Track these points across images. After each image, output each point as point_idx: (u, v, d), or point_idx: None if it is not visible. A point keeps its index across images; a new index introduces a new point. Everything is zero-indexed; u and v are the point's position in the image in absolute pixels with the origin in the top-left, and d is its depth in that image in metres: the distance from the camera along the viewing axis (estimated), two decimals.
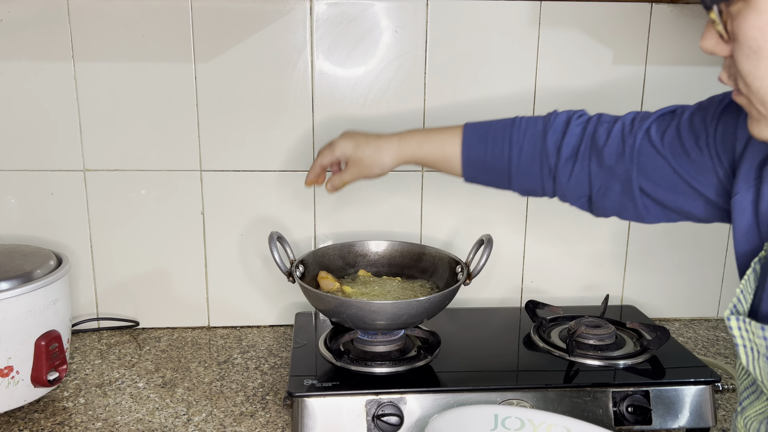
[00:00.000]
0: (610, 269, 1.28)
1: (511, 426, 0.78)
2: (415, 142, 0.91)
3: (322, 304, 0.97)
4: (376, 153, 0.92)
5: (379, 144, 0.92)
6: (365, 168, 0.93)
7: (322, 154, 0.97)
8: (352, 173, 0.95)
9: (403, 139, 0.92)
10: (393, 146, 0.92)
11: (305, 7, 1.12)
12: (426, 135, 0.91)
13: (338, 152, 0.95)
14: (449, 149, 0.88)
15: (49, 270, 0.96)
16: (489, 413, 0.79)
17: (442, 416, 0.77)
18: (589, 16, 1.16)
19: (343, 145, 0.95)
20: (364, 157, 0.93)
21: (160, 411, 0.96)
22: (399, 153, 0.91)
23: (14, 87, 1.11)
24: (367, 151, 0.93)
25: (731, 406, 1.00)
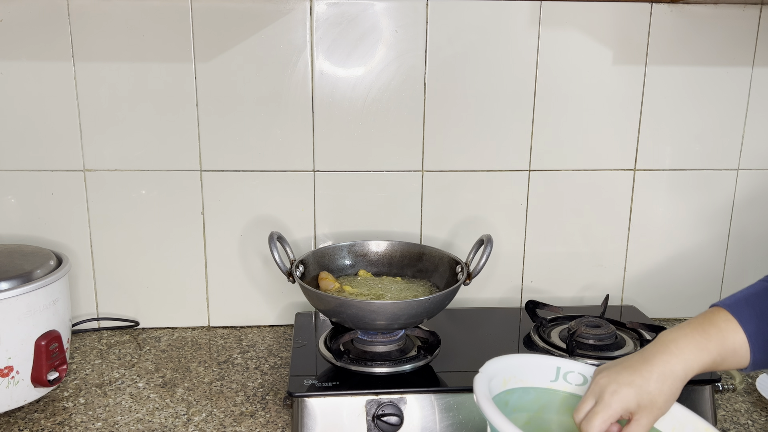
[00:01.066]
0: (610, 269, 1.28)
1: (572, 380, 0.76)
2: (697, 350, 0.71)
3: (322, 304, 0.97)
4: (665, 386, 0.69)
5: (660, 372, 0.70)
6: (660, 411, 0.70)
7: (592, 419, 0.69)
8: (646, 423, 0.69)
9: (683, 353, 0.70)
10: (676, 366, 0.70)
11: (305, 7, 1.12)
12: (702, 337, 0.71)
13: (619, 408, 0.69)
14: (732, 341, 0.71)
15: (49, 270, 0.96)
16: (551, 364, 0.77)
17: (502, 359, 0.73)
18: (589, 16, 1.16)
19: (620, 397, 0.69)
20: (654, 399, 0.69)
21: (160, 411, 0.96)
22: (686, 373, 0.70)
23: (14, 87, 1.11)
24: (653, 387, 0.69)
25: (731, 406, 1.00)
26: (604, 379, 0.71)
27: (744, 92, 1.22)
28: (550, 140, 1.20)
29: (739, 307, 0.72)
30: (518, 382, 0.75)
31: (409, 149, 1.19)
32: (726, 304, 0.73)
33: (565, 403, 0.76)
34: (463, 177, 1.21)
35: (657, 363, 0.70)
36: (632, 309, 1.22)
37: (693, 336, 0.71)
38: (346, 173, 1.19)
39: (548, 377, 0.77)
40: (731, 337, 0.70)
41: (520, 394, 0.76)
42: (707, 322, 0.72)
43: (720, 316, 0.72)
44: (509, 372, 0.74)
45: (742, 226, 1.28)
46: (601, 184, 1.24)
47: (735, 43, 1.19)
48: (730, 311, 0.71)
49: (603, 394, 0.70)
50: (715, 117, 1.22)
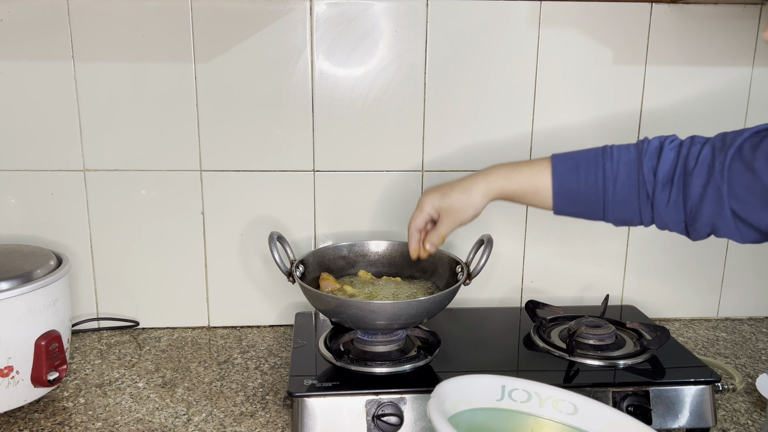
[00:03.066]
0: (610, 269, 1.28)
1: (517, 398, 0.77)
2: (503, 177, 0.88)
3: (322, 304, 0.97)
4: (465, 194, 0.90)
5: (464, 186, 0.90)
6: (458, 213, 0.91)
7: (413, 218, 0.95)
8: (447, 224, 0.92)
9: (489, 175, 0.89)
10: (480, 184, 0.89)
11: (305, 7, 1.12)
12: (513, 168, 0.89)
13: (427, 208, 0.93)
14: (539, 181, 0.86)
15: (49, 270, 0.96)
16: (496, 384, 0.77)
17: (449, 383, 0.74)
18: (589, 16, 1.16)
19: (429, 199, 0.93)
20: (453, 203, 0.90)
21: (160, 411, 0.96)
22: (487, 189, 0.89)
23: (14, 87, 1.11)
24: (455, 196, 0.90)
25: (731, 406, 1.00)
26: (426, 191, 0.95)
27: (744, 92, 1.22)
28: (550, 140, 1.20)
29: (561, 158, 0.86)
30: (467, 404, 0.76)
31: (409, 149, 1.19)
32: (556, 154, 0.86)
33: (511, 420, 0.77)
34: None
35: (467, 180, 0.90)
36: (632, 309, 1.22)
37: (507, 167, 0.89)
38: (346, 173, 1.19)
39: (494, 396, 0.77)
40: (538, 179, 0.86)
41: (469, 415, 0.76)
42: (530, 162, 0.88)
43: (543, 161, 0.86)
44: (458, 394, 0.75)
45: None
46: None
47: (735, 43, 1.19)
48: (552, 159, 0.86)
49: (420, 201, 0.94)
50: (715, 117, 1.22)
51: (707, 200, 0.77)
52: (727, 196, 0.75)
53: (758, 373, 1.10)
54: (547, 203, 0.86)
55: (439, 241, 0.95)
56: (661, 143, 0.82)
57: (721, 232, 0.78)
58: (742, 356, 1.16)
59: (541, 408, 0.77)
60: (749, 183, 0.73)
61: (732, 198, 0.75)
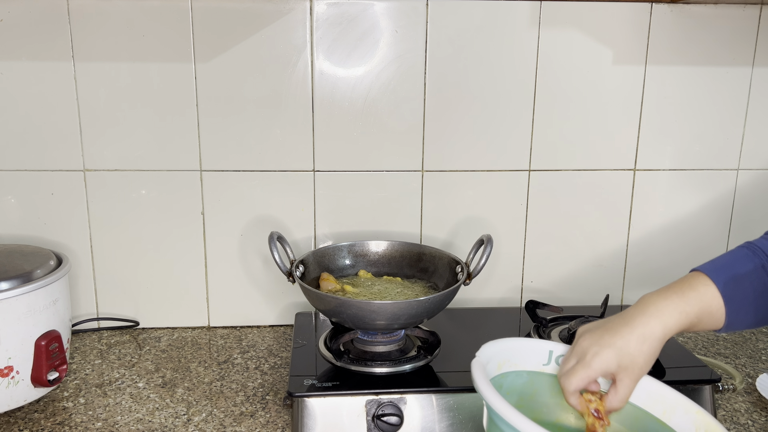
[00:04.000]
0: (610, 269, 1.28)
1: None
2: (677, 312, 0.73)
3: (322, 304, 0.97)
4: (644, 346, 0.71)
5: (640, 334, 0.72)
6: (641, 370, 0.72)
7: (569, 377, 0.72)
8: (628, 383, 0.72)
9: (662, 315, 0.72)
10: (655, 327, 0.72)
11: (305, 7, 1.12)
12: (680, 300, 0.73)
13: (600, 369, 0.71)
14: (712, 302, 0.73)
15: (49, 270, 0.96)
16: (544, 348, 0.77)
17: (496, 343, 0.74)
18: (589, 16, 1.16)
19: (601, 359, 0.71)
20: (635, 359, 0.71)
21: (160, 411, 0.96)
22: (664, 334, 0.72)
23: (14, 87, 1.11)
24: (633, 348, 0.71)
25: (731, 406, 1.00)
26: (586, 341, 0.73)
27: (744, 92, 1.22)
28: (550, 140, 1.20)
29: (717, 271, 0.75)
30: (512, 366, 0.76)
31: (409, 149, 1.19)
32: (705, 268, 0.76)
33: (556, 386, 0.77)
34: (463, 177, 1.21)
35: (637, 325, 0.72)
36: None
37: (672, 298, 0.73)
38: (346, 173, 1.19)
39: (540, 361, 0.78)
40: (708, 300, 0.73)
41: (513, 377, 0.76)
42: (686, 286, 0.74)
43: (699, 280, 0.74)
44: (503, 356, 0.75)
45: (742, 225, 1.28)
46: (601, 184, 1.24)
47: (735, 43, 1.19)
48: (709, 275, 0.74)
49: (585, 355, 0.72)
50: (715, 117, 1.22)
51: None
52: None
53: (758, 373, 1.10)
54: (718, 324, 0.75)
55: (622, 406, 0.73)
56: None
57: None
58: (742, 356, 1.16)
59: None
60: None
61: None
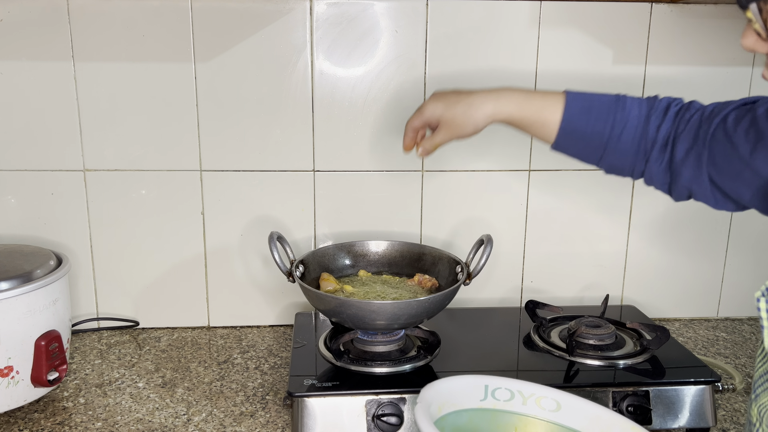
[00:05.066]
0: (610, 269, 1.28)
1: (500, 397, 0.77)
2: (514, 103, 0.86)
3: (322, 304, 0.97)
4: (470, 110, 0.86)
5: (471, 101, 0.87)
6: (458, 128, 0.88)
7: (411, 118, 0.92)
8: (444, 134, 0.89)
9: (500, 98, 0.86)
10: (488, 103, 0.86)
11: (305, 7, 1.12)
12: (526, 96, 0.86)
13: (427, 114, 0.90)
14: (549, 116, 0.84)
15: (49, 270, 0.96)
16: (479, 383, 0.78)
17: (433, 386, 0.75)
18: (589, 16, 1.16)
19: (432, 106, 0.90)
20: (456, 116, 0.87)
21: (160, 411, 0.96)
22: (495, 111, 0.86)
23: (14, 87, 1.11)
24: (459, 109, 0.87)
25: (731, 406, 1.00)
26: (435, 94, 0.91)
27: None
28: None
29: (575, 97, 0.85)
30: (451, 407, 0.76)
31: None
32: (571, 91, 0.86)
33: (495, 419, 0.77)
34: (464, 177, 1.21)
35: (475, 95, 0.87)
36: (632, 309, 1.22)
37: (519, 93, 0.86)
38: (346, 173, 1.19)
39: (478, 396, 0.78)
40: (548, 113, 0.84)
41: (454, 417, 0.76)
42: (543, 93, 0.86)
43: (557, 96, 0.85)
44: (443, 397, 0.75)
45: (742, 225, 1.28)
46: (601, 184, 1.24)
47: (735, 43, 1.19)
48: (566, 96, 0.85)
49: (423, 104, 0.91)
50: None
51: (687, 164, 0.79)
52: (707, 163, 0.77)
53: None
54: (549, 137, 0.86)
55: (432, 148, 0.92)
56: (668, 104, 0.83)
57: (698, 196, 0.80)
58: (742, 356, 1.16)
59: (524, 406, 0.77)
60: (728, 153, 0.75)
61: (711, 165, 0.77)
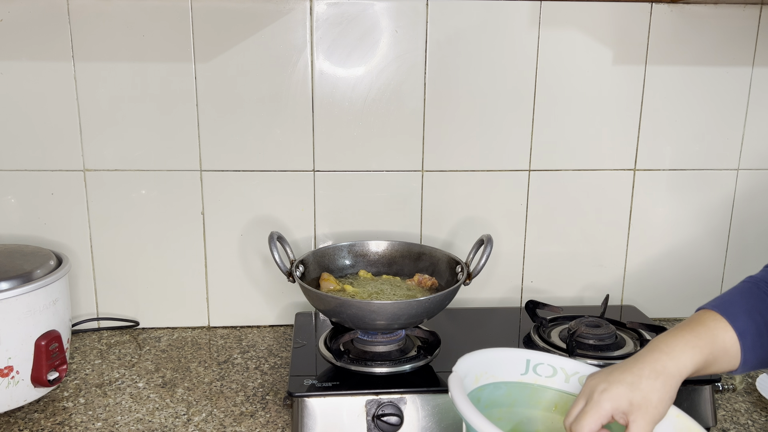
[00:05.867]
0: (610, 269, 1.28)
1: (542, 372, 0.76)
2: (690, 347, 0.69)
3: (322, 304, 0.97)
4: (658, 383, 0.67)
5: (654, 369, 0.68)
6: (656, 410, 0.66)
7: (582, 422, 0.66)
8: (645, 424, 0.65)
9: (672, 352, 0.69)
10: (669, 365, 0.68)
11: (305, 7, 1.12)
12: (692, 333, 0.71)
13: (609, 405, 0.66)
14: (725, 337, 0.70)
15: (49, 270, 0.96)
16: (521, 357, 0.76)
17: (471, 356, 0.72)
18: (589, 16, 1.16)
19: (611, 394, 0.66)
20: (649, 396, 0.66)
21: (160, 411, 0.96)
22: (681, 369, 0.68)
23: (14, 87, 1.11)
24: (646, 385, 0.67)
25: (731, 406, 1.00)
26: (594, 380, 0.69)
27: (744, 92, 1.22)
28: (551, 140, 1.20)
29: (726, 306, 0.72)
30: (490, 378, 0.74)
31: (409, 149, 1.19)
32: (713, 305, 0.73)
33: (535, 395, 0.76)
34: (463, 177, 1.21)
35: (648, 361, 0.68)
36: (632, 309, 1.22)
37: (683, 335, 0.70)
38: (346, 173, 1.19)
39: (518, 370, 0.76)
40: (721, 335, 0.70)
41: (491, 389, 0.75)
42: (696, 323, 0.71)
43: (708, 317, 0.71)
44: (480, 368, 0.73)
45: (742, 225, 1.28)
46: (601, 184, 1.24)
47: (735, 43, 1.19)
48: (719, 311, 0.71)
49: (593, 393, 0.67)
50: (715, 117, 1.22)
51: None
52: None
53: (758, 373, 1.10)
54: (734, 361, 0.71)
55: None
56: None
57: None
58: None
59: (566, 383, 0.75)
60: None
61: None
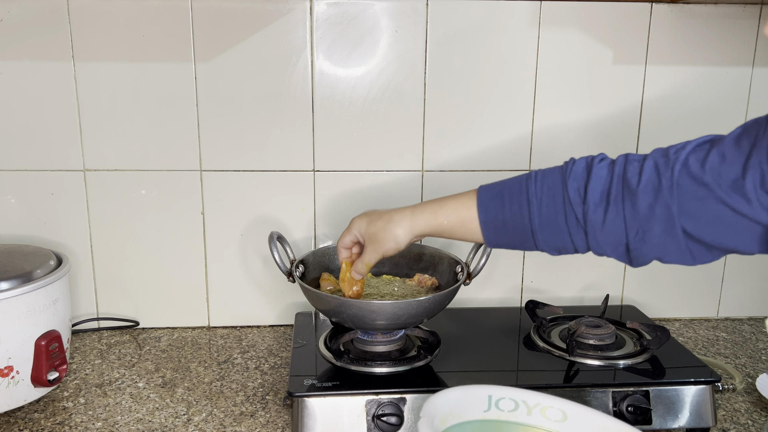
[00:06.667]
0: (610, 269, 1.28)
1: (504, 407, 0.76)
2: (429, 211, 0.86)
3: (322, 304, 0.97)
4: (388, 226, 0.87)
5: (390, 216, 0.88)
6: (379, 244, 0.88)
7: (341, 236, 0.94)
8: (369, 252, 0.90)
9: (416, 210, 0.87)
10: (405, 217, 0.87)
11: (305, 7, 1.12)
12: (439, 202, 0.86)
13: (354, 230, 0.92)
14: (464, 213, 0.83)
15: (49, 270, 0.96)
16: (482, 394, 0.76)
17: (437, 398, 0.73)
18: (589, 16, 1.16)
19: (357, 222, 0.92)
20: (377, 231, 0.88)
21: (160, 411, 0.96)
22: (412, 224, 0.86)
23: (14, 87, 1.11)
24: (379, 225, 0.88)
25: (731, 406, 1.00)
26: (361, 214, 0.92)
27: (744, 92, 1.22)
28: (550, 140, 1.20)
29: (487, 188, 0.83)
30: (455, 418, 0.74)
31: (409, 149, 1.19)
32: (483, 185, 0.84)
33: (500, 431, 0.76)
34: (464, 177, 1.21)
35: (394, 212, 0.88)
36: (632, 309, 1.22)
37: (433, 202, 0.86)
38: (346, 173, 1.19)
39: (481, 407, 0.76)
40: (463, 210, 0.83)
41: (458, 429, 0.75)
42: (456, 195, 0.85)
43: (469, 193, 0.84)
44: (446, 409, 0.74)
45: None
46: None
47: (735, 43, 1.19)
48: (478, 190, 0.83)
49: (351, 221, 0.92)
50: (715, 117, 1.22)
51: (656, 219, 0.71)
52: (678, 214, 0.70)
53: (758, 373, 1.10)
54: (478, 235, 0.83)
55: (363, 269, 0.92)
56: (589, 163, 0.77)
57: (670, 255, 0.73)
58: (742, 356, 1.16)
59: (529, 416, 0.76)
60: (702, 197, 0.68)
61: (683, 216, 0.70)
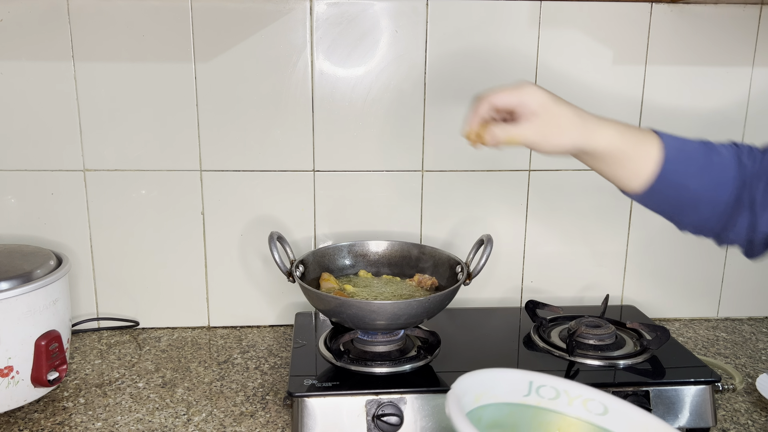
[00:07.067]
0: (610, 269, 1.28)
1: (545, 394, 0.75)
2: (614, 128, 0.72)
3: (322, 304, 0.97)
4: (575, 118, 0.72)
5: (579, 112, 0.72)
6: (549, 130, 0.71)
7: (497, 94, 0.74)
8: (528, 132, 0.72)
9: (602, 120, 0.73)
10: (591, 121, 0.72)
11: (305, 7, 1.12)
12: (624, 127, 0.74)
13: (526, 96, 0.72)
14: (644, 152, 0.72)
15: (49, 270, 0.96)
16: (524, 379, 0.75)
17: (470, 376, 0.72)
18: (589, 16, 1.16)
19: (537, 94, 0.72)
20: (558, 115, 0.71)
21: (160, 411, 0.96)
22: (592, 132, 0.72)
23: (14, 87, 1.11)
24: (565, 110, 0.72)
25: (731, 406, 1.00)
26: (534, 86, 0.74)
27: (744, 92, 1.22)
28: None
29: (670, 139, 0.73)
30: (491, 398, 0.74)
31: (409, 149, 1.19)
32: (661, 132, 0.74)
33: (537, 417, 0.76)
34: (464, 177, 1.21)
35: (584, 112, 0.73)
36: (632, 309, 1.22)
37: (621, 125, 0.73)
38: (346, 173, 1.19)
39: (521, 392, 0.76)
40: (646, 149, 0.72)
41: (492, 410, 0.75)
42: (639, 129, 0.74)
43: (650, 135, 0.73)
44: (481, 388, 0.73)
45: None
46: (601, 184, 1.23)
47: (735, 43, 1.19)
48: (661, 137, 0.73)
49: (523, 85, 0.74)
50: (715, 117, 1.22)
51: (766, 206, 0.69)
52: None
53: (758, 373, 1.10)
54: (638, 177, 0.73)
55: (505, 139, 0.73)
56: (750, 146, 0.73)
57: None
58: (742, 356, 1.16)
59: (569, 406, 0.75)
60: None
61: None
